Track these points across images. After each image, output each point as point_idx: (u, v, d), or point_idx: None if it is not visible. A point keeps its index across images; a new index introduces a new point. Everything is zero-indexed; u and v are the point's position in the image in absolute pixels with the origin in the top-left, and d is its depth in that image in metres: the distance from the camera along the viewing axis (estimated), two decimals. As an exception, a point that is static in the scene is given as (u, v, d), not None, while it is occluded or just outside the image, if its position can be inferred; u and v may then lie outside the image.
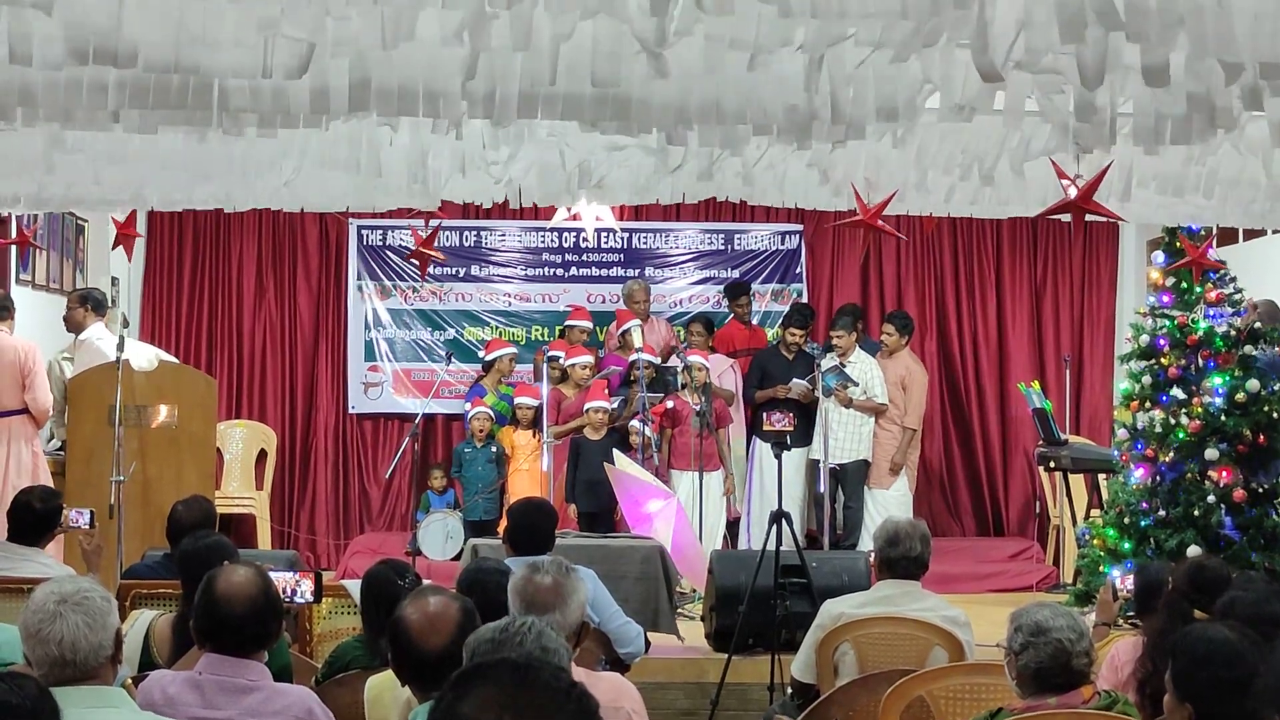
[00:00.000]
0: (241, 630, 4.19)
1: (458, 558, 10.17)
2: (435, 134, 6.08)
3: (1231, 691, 3.78)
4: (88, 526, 7.10)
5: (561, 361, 11.49)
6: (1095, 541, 9.73)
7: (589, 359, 11.59)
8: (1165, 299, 9.76)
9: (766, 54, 4.66)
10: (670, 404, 11.11)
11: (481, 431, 11.44)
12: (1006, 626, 4.48)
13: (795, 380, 11.37)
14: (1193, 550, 8.80)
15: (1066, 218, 6.30)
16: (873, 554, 6.67)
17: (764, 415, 10.70)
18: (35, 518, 6.83)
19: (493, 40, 4.50)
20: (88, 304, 10.24)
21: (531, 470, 11.15)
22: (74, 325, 10.26)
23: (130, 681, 4.32)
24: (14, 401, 9.28)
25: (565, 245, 13.13)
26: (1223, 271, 9.60)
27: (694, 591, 9.84)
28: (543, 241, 13.13)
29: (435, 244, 9.24)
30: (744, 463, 11.71)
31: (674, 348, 11.71)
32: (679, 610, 9.24)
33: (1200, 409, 9.33)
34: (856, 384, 11.24)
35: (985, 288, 13.35)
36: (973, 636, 6.06)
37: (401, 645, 3.96)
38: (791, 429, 9.23)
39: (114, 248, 8.83)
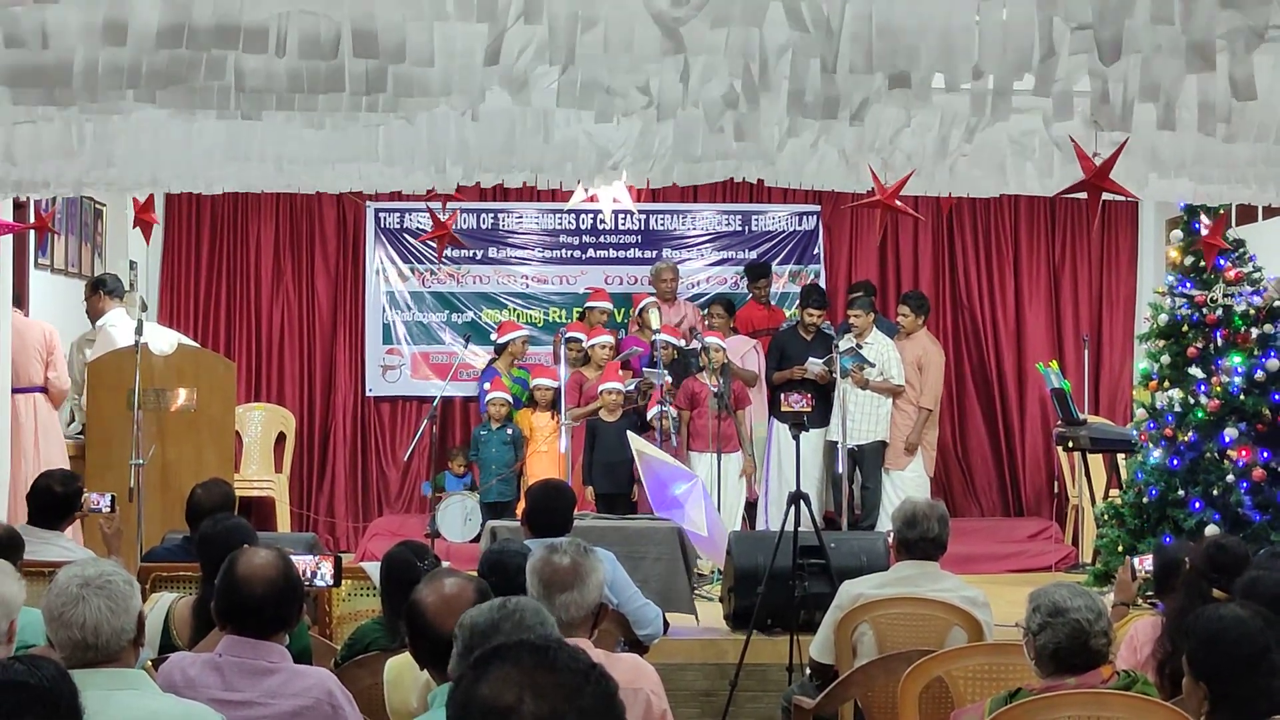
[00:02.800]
0: (262, 612, 4.21)
1: (476, 539, 10.20)
2: (452, 117, 6.08)
3: (1245, 669, 3.79)
4: (109, 510, 7.13)
5: (584, 343, 11.51)
6: (1114, 521, 9.71)
7: (609, 339, 11.61)
8: (1184, 278, 9.73)
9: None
10: (669, 377, 11.00)
11: (499, 414, 11.43)
12: (1025, 606, 4.48)
13: (811, 360, 11.33)
14: (1211, 530, 8.78)
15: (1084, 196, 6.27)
16: (891, 535, 6.66)
17: (782, 396, 10.70)
18: (57, 500, 6.85)
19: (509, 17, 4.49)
20: (101, 289, 10.27)
21: (550, 452, 11.16)
22: (94, 313, 10.30)
23: (150, 664, 4.33)
24: (40, 378, 9.40)
25: (583, 227, 13.13)
26: (1241, 250, 9.57)
27: (713, 572, 9.86)
28: (560, 223, 13.14)
29: (453, 226, 9.25)
30: (763, 444, 11.70)
31: (693, 329, 11.70)
32: (696, 591, 9.25)
33: (1219, 388, 9.31)
34: (873, 365, 11.23)
35: (1003, 267, 13.33)
36: (992, 617, 6.05)
37: (418, 628, 3.97)
38: (809, 410, 9.23)
39: (134, 226, 8.86)
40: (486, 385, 11.71)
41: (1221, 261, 9.52)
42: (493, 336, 12.48)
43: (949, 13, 4.63)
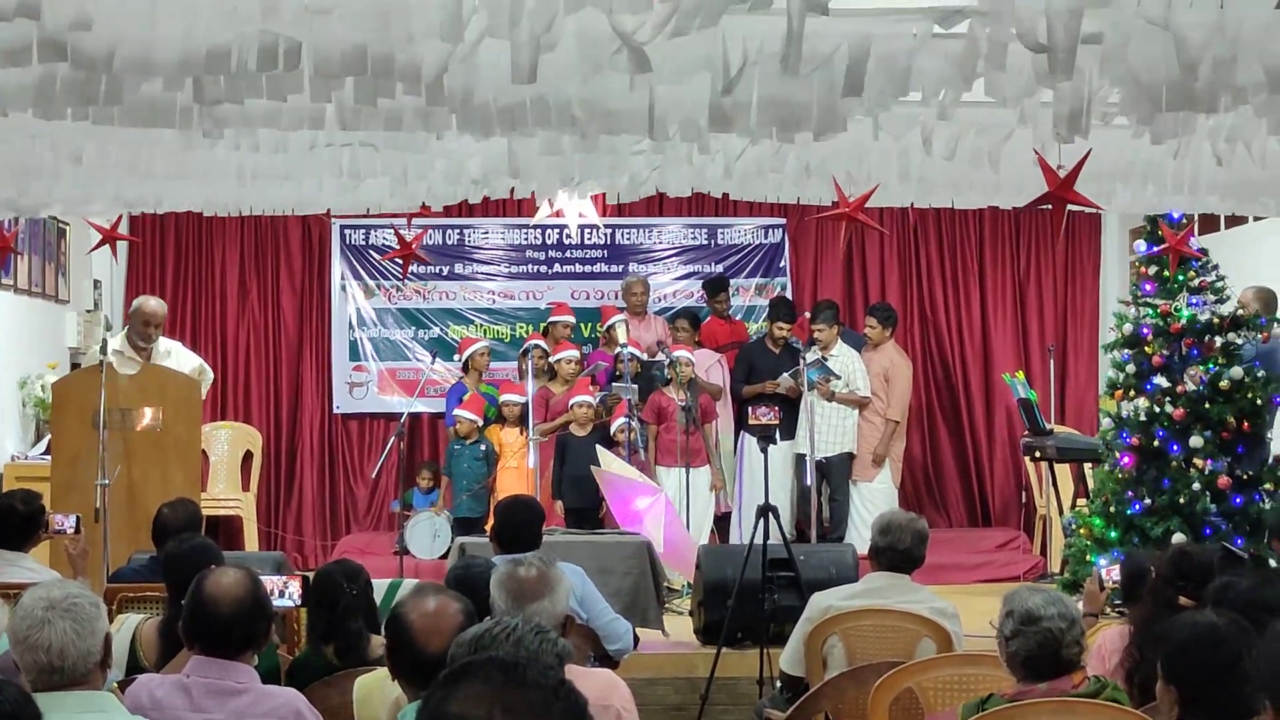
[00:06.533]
0: (230, 632, 4.18)
1: (445, 556, 10.16)
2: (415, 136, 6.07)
3: (1217, 675, 3.80)
4: (74, 531, 7.07)
5: (544, 350, 11.45)
6: (1081, 531, 9.74)
7: (574, 354, 11.58)
8: (1148, 287, 9.77)
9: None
10: (635, 391, 10.97)
11: (464, 432, 11.33)
12: (1000, 607, 4.47)
13: (784, 375, 11.35)
14: (1178, 538, 8.81)
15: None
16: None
17: (750, 409, 10.69)
18: (20, 520, 6.79)
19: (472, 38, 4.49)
20: None
21: (520, 468, 11.12)
22: None
23: (117, 686, 4.30)
24: None
25: (549, 242, 13.12)
26: (1204, 260, 9.61)
27: (684, 586, 9.84)
28: (526, 238, 13.12)
29: (419, 243, 9.22)
30: (732, 457, 11.70)
31: (660, 343, 11.69)
32: (667, 605, 9.24)
33: (1184, 397, 9.35)
34: (839, 377, 11.25)
35: (969, 278, 13.37)
36: (961, 628, 6.06)
37: (402, 646, 3.94)
38: (777, 422, 9.22)
39: (96, 247, 8.80)
40: (457, 403, 11.64)
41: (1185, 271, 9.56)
42: (455, 356, 12.40)
43: (905, 31, 4.65)
